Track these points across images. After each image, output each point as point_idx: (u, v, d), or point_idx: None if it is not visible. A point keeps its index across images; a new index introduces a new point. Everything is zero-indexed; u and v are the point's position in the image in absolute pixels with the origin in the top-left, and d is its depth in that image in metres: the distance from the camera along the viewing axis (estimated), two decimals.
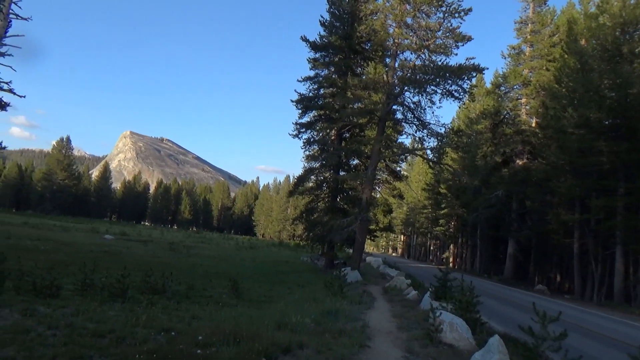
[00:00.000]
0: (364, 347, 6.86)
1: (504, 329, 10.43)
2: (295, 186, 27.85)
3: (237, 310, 9.71)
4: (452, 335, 7.50)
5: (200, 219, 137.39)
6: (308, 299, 12.24)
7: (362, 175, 24.18)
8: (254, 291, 14.68)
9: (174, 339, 5.89)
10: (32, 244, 22.73)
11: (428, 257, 75.69)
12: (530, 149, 36.29)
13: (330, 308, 9.74)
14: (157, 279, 11.43)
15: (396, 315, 10.60)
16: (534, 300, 19.72)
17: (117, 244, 31.59)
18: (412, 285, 17.27)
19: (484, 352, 5.49)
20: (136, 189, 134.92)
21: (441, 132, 23.61)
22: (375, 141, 23.47)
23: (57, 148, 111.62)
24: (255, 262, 29.30)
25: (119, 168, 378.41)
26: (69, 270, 14.24)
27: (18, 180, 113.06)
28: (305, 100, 26.32)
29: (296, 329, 7.20)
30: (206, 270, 19.84)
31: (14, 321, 6.52)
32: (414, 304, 12.79)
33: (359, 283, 19.42)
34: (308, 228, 26.89)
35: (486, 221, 40.73)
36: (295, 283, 18.46)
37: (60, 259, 17.54)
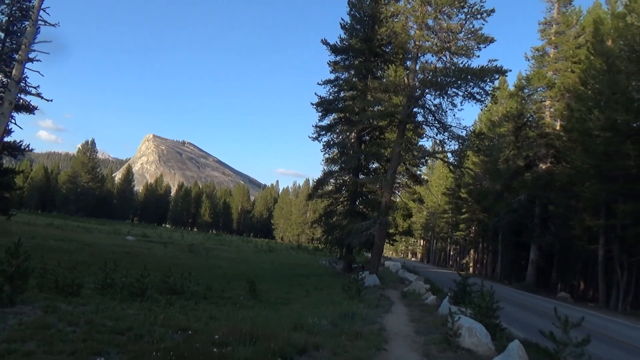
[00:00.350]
0: (380, 350, 6.78)
1: (525, 335, 10.22)
2: (315, 189, 27.86)
3: (254, 312, 9.72)
4: (470, 340, 7.37)
5: (220, 222, 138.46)
6: (325, 301, 12.19)
7: (381, 179, 24.03)
8: (272, 293, 14.68)
9: (191, 337, 5.91)
10: (55, 244, 23.17)
11: (448, 262, 74.87)
12: (554, 153, 35.58)
13: (347, 311, 9.68)
14: (176, 280, 11.53)
15: (414, 320, 10.47)
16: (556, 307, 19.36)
17: (138, 245, 32.01)
18: (430, 290, 17.08)
19: (503, 357, 5.37)
20: (158, 191, 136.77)
21: (462, 135, 23.35)
22: (395, 144, 23.31)
23: (82, 151, 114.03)
24: (273, 265, 29.35)
25: (141, 171, 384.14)
26: (90, 270, 14.42)
27: (44, 183, 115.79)
28: (325, 103, 26.35)
29: (312, 330, 7.16)
30: (225, 272, 19.93)
31: (35, 317, 6.64)
32: (432, 308, 12.62)
33: (377, 287, 19.28)
34: (327, 231, 26.86)
35: (508, 226, 40.11)
36: (313, 286, 18.42)
37: (83, 259, 17.82)
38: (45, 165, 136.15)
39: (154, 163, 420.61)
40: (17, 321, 6.39)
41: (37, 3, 30.92)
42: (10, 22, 32.28)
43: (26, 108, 31.43)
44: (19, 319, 6.56)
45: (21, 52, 30.21)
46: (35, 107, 31.98)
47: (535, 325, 12.70)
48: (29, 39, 30.40)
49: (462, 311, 8.78)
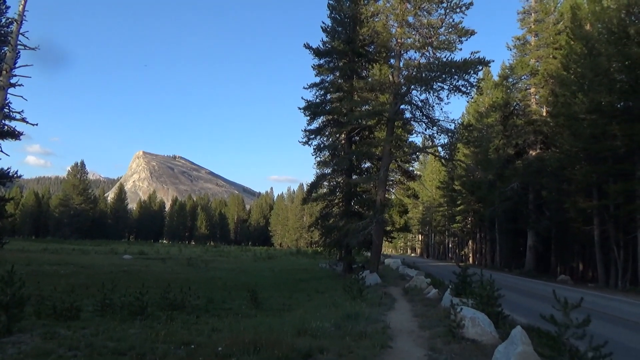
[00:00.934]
0: (385, 348, 6.77)
1: (527, 320, 10.24)
2: (309, 193, 27.88)
3: (256, 320, 9.67)
4: (474, 330, 7.38)
5: (217, 233, 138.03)
6: (328, 304, 12.17)
7: (374, 178, 24.09)
8: (274, 300, 14.63)
9: (194, 351, 5.86)
10: (51, 269, 22.99)
11: (447, 255, 75.04)
12: (543, 139, 35.84)
13: (350, 312, 9.65)
14: (176, 295, 11.46)
15: (417, 315, 10.47)
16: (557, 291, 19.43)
17: (136, 263, 31.83)
18: (432, 284, 17.10)
19: (507, 345, 5.38)
20: (152, 208, 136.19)
21: (451, 129, 23.44)
22: (385, 142, 23.37)
23: (72, 173, 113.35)
24: (273, 272, 29.27)
25: (134, 189, 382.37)
26: (88, 292, 14.33)
27: (36, 208, 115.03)
28: (312, 107, 26.36)
29: (316, 334, 7.14)
30: (225, 283, 19.85)
31: (34, 345, 6.57)
32: (435, 302, 12.64)
33: (378, 285, 19.28)
34: (324, 234, 26.85)
35: (503, 215, 40.28)
36: (314, 290, 18.39)
37: (80, 282, 17.68)
38: (36, 190, 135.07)
39: (146, 180, 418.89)
40: (16, 350, 6.32)
41: (16, 28, 30.81)
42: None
43: (11, 134, 31.17)
44: (18, 347, 6.49)
45: (2, 78, 30.06)
46: (20, 133, 31.74)
47: (538, 310, 12.69)
48: (9, 64, 30.27)
49: (464, 302, 8.79)
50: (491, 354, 6.44)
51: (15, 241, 69.55)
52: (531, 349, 4.99)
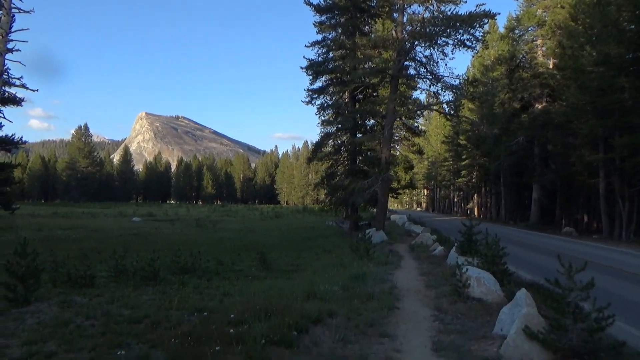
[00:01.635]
0: (393, 309, 6.95)
1: (532, 277, 10.45)
2: (314, 153, 27.84)
3: (266, 283, 9.91)
4: (480, 290, 7.54)
5: (224, 192, 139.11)
6: (335, 264, 12.40)
7: (378, 136, 23.98)
8: (282, 260, 14.92)
9: (207, 319, 6.05)
10: (63, 234, 23.42)
11: (452, 209, 75.55)
12: (549, 92, 35.33)
13: (358, 272, 9.85)
14: (187, 258, 11.69)
15: (424, 273, 10.67)
16: (561, 244, 19.62)
17: (145, 225, 32.32)
18: (437, 240, 17.30)
19: (511, 306, 5.51)
20: (158, 169, 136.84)
21: (456, 85, 23.09)
22: (389, 100, 23.11)
23: (77, 136, 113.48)
24: (281, 231, 29.70)
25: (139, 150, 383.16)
26: (101, 257, 14.65)
27: (43, 172, 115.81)
28: (315, 66, 25.87)
29: (325, 297, 7.32)
30: (234, 244, 20.21)
31: (53, 314, 6.79)
32: (440, 259, 12.84)
33: (384, 243, 19.55)
34: (330, 193, 27.01)
35: (509, 168, 40.29)
36: (322, 248, 18.70)
37: (92, 246, 18.07)
38: (42, 154, 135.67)
39: (150, 141, 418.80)
40: (35, 320, 6.54)
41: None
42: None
43: (13, 101, 31.07)
44: (37, 317, 6.71)
45: None
46: (22, 99, 31.65)
47: (542, 265, 12.97)
48: (5, 29, 29.83)
49: (470, 262, 8.92)
50: (496, 313, 6.61)
51: (25, 205, 70.55)
52: (535, 310, 5.11)
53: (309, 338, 5.25)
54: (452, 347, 5.06)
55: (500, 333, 5.38)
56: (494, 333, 5.50)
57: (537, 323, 4.95)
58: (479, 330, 5.75)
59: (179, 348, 4.74)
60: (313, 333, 5.45)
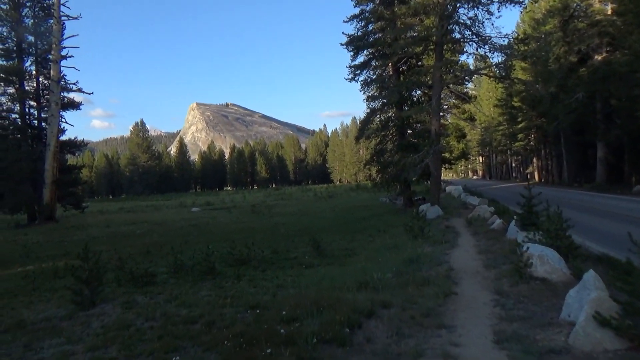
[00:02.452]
0: (450, 295, 6.68)
1: (602, 248, 9.79)
2: (361, 130, 27.39)
3: (319, 272, 9.85)
4: (543, 269, 7.11)
5: (277, 175, 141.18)
6: (389, 246, 12.19)
7: (426, 107, 23.22)
8: (336, 244, 14.85)
9: (260, 316, 6.04)
10: (128, 230, 24.46)
11: (511, 174, 72.97)
12: (609, 41, 32.93)
13: (412, 255, 9.61)
14: (242, 249, 11.84)
15: (481, 251, 10.25)
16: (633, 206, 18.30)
17: (204, 215, 33.24)
18: (496, 212, 16.62)
19: (579, 289, 5.11)
20: (212, 157, 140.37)
21: (505, 45, 21.87)
22: (434, 68, 22.25)
23: (135, 132, 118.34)
24: (334, 212, 29.68)
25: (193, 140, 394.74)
26: (163, 251, 15.15)
27: (108, 169, 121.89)
28: (355, 41, 25.26)
29: (378, 286, 7.14)
30: (288, 230, 20.36)
31: (116, 317, 7.05)
32: (499, 234, 12.32)
33: (440, 218, 19.10)
34: (380, 170, 26.58)
35: (569, 128, 38.25)
36: (375, 228, 18.48)
37: (154, 241, 18.75)
38: (105, 152, 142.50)
39: (203, 130, 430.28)
40: (99, 323, 6.81)
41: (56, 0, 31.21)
42: (36, 24, 32.93)
43: (72, 105, 32.62)
44: (101, 320, 6.99)
45: (53, 52, 31.02)
46: (80, 103, 33.17)
47: (614, 233, 12.16)
48: (57, 37, 31.06)
49: (531, 238, 8.43)
50: (563, 294, 6.20)
51: (95, 202, 74.78)
52: (606, 294, 4.71)
53: (362, 334, 5.12)
54: (515, 337, 4.77)
55: (569, 319, 5.01)
56: (561, 319, 5.15)
57: (609, 308, 4.57)
58: (545, 315, 5.40)
59: (231, 351, 4.75)
60: (366, 328, 5.32)
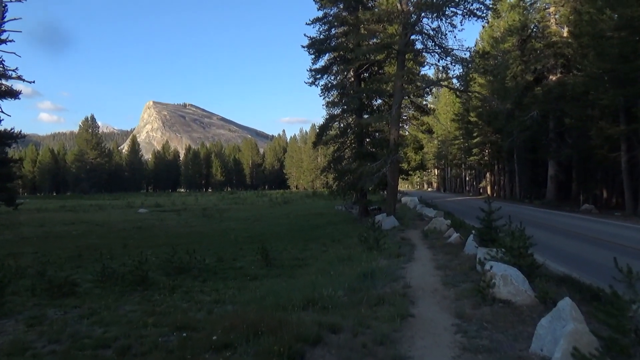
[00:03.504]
0: (406, 317, 5.96)
1: (563, 268, 9.38)
2: (318, 136, 26.59)
3: (265, 285, 8.94)
4: (506, 290, 6.52)
5: (233, 179, 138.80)
6: (342, 258, 11.44)
7: (386, 116, 22.77)
8: (287, 254, 13.98)
9: (186, 341, 5.09)
10: (63, 230, 22.69)
11: (465, 188, 74.21)
12: (564, 62, 33.78)
13: (366, 269, 8.87)
14: (182, 257, 10.78)
15: (440, 267, 9.65)
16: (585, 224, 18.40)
17: (151, 217, 31.61)
18: (452, 225, 16.23)
19: (552, 319, 4.50)
20: (166, 157, 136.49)
21: (466, 58, 21.75)
22: (396, 77, 21.87)
23: (84, 128, 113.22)
24: (289, 218, 28.80)
25: (148, 139, 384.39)
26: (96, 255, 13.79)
27: (53, 165, 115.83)
28: (317, 44, 24.51)
29: (327, 305, 6.34)
30: (238, 236, 19.34)
31: (15, 336, 5.88)
32: (457, 249, 11.82)
33: (396, 229, 18.58)
34: (337, 177, 25.89)
35: (522, 145, 38.96)
36: (330, 237, 17.75)
37: (90, 243, 17.28)
38: (52, 147, 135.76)
39: (159, 130, 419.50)
40: None
41: None
42: None
43: (10, 93, 30.20)
44: None
45: None
46: (18, 92, 30.74)
47: (571, 252, 11.90)
48: None
49: (493, 255, 7.86)
50: (529, 320, 5.62)
51: (36, 199, 70.64)
52: (585, 327, 4.10)
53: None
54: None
55: (541, 354, 4.37)
56: (532, 352, 4.49)
57: (588, 343, 3.94)
58: (512, 347, 4.73)
59: None
60: (311, 358, 4.49)
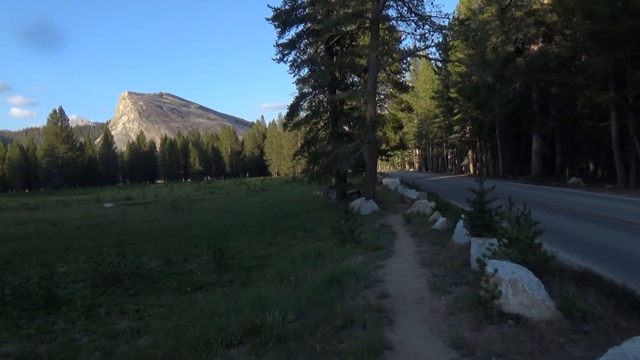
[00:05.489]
0: (382, 352, 4.19)
1: (575, 257, 7.72)
2: (289, 117, 24.42)
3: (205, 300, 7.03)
4: (517, 300, 4.78)
5: (213, 168, 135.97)
6: (311, 254, 9.68)
7: (360, 91, 20.87)
8: (249, 250, 12.13)
9: None
10: (7, 232, 20.42)
11: (447, 167, 73.05)
12: (546, 31, 32.23)
13: (335, 271, 7.09)
14: (116, 263, 8.84)
15: (425, 262, 7.89)
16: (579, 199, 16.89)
17: (115, 212, 29.44)
18: (437, 208, 14.49)
19: None
20: (142, 149, 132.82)
21: (445, 25, 19.95)
22: (370, 48, 19.90)
23: (53, 121, 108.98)
24: (262, 207, 26.93)
25: (125, 131, 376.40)
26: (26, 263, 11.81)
27: (23, 161, 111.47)
28: (282, 15, 22.19)
29: (271, 335, 4.51)
30: (202, 230, 17.41)
31: None
32: (444, 237, 10.10)
33: (375, 215, 16.88)
34: (311, 161, 23.92)
35: (505, 119, 37.48)
36: (302, 227, 15.94)
37: (29, 247, 15.18)
38: (24, 143, 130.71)
39: (135, 121, 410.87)
40: None
41: None
42: None
43: None
44: None
45: None
46: None
47: (574, 233, 10.29)
48: None
49: (494, 251, 6.09)
50: (555, 347, 3.90)
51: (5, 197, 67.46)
52: None
53: None
54: None
55: None
56: None
57: None
58: None
59: None
60: None
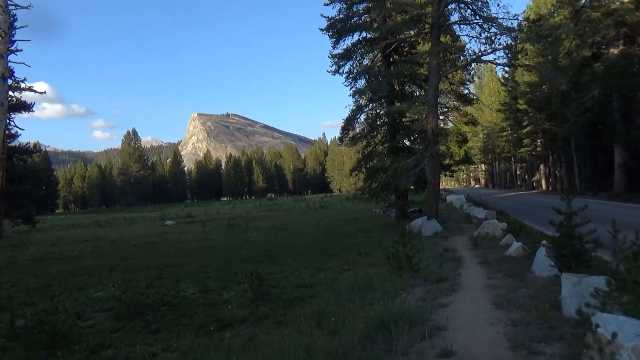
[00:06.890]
0: None
1: None
2: (344, 131, 23.17)
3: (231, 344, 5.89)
4: None
5: (275, 185, 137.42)
6: (361, 285, 8.36)
7: (421, 101, 19.31)
8: (294, 277, 10.94)
9: None
10: (68, 249, 20.50)
11: (515, 182, 68.98)
12: (627, 32, 29.24)
13: (384, 312, 5.73)
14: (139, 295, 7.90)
15: (500, 303, 6.31)
16: None
17: (173, 230, 29.46)
18: (510, 230, 12.70)
19: None
20: (208, 167, 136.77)
21: (513, 27, 18.11)
22: (430, 55, 18.42)
23: (126, 142, 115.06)
24: (318, 226, 25.81)
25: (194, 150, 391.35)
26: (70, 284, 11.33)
27: (100, 179, 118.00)
28: (336, 24, 21.06)
29: None
30: (252, 251, 16.51)
31: None
32: (521, 267, 8.39)
33: (438, 236, 15.23)
34: (368, 177, 22.47)
35: (581, 130, 34.34)
36: (356, 250, 14.61)
37: (78, 267, 14.87)
38: (101, 163, 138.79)
39: (204, 140, 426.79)
40: None
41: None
42: None
43: (22, 106, 28.75)
44: None
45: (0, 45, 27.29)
46: (31, 104, 29.26)
47: None
48: (4, 29, 27.35)
49: (604, 300, 4.52)
50: None
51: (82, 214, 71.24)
52: None
53: None
54: None
55: None
56: None
57: None
58: None
59: None
60: None
